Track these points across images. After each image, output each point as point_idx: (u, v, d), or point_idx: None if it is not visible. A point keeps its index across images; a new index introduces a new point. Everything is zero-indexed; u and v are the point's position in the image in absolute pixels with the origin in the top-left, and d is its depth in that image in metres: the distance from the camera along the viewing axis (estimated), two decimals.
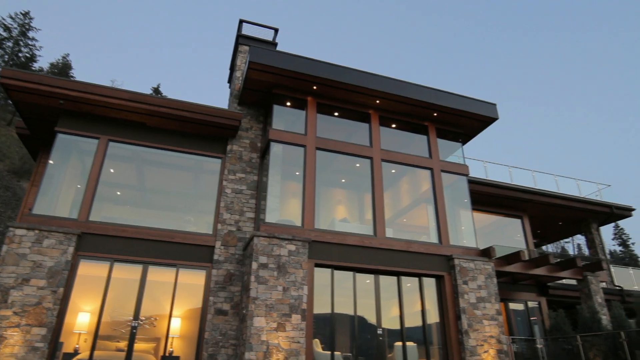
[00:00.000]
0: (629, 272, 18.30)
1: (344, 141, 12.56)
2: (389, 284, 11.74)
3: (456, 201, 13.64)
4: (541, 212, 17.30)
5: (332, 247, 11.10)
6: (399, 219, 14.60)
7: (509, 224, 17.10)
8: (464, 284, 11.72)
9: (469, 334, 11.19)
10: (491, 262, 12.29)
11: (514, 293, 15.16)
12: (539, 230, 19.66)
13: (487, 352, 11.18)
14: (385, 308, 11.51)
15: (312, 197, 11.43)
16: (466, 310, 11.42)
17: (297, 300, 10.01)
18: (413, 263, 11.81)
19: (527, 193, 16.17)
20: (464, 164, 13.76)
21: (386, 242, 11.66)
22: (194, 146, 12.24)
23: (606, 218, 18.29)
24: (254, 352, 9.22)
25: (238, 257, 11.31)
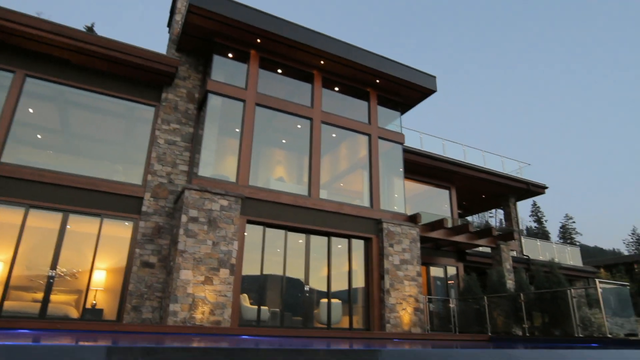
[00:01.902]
0: (536, 243, 20.23)
1: (286, 100, 12.39)
2: (320, 245, 12.07)
3: (390, 168, 14.11)
4: (468, 184, 18.41)
5: (266, 205, 11.14)
6: (336, 183, 14.89)
7: (438, 194, 18.06)
8: (390, 246, 12.35)
9: (390, 293, 11.91)
10: (417, 227, 13.01)
11: (436, 258, 16.24)
12: (464, 202, 20.98)
13: (405, 310, 12.00)
14: (315, 267, 11.88)
15: (249, 154, 11.28)
16: (389, 271, 12.09)
17: (227, 255, 10.02)
18: (344, 225, 12.18)
19: (457, 166, 17.09)
20: (400, 133, 14.18)
21: (319, 203, 11.88)
22: (125, 91, 11.48)
23: (523, 194, 19.90)
24: (179, 304, 9.19)
25: (168, 210, 11.02)
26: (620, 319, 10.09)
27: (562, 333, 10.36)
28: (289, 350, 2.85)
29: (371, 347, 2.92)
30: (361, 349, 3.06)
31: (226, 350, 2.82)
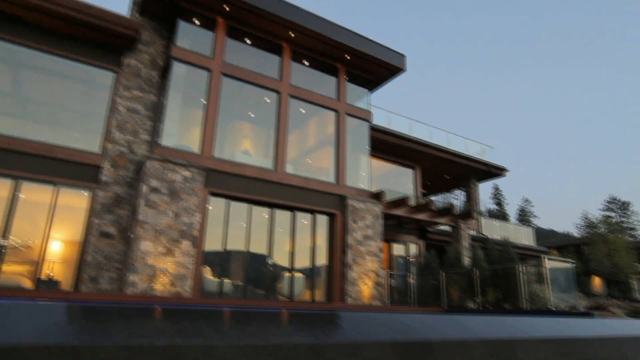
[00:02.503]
0: (494, 223, 21.07)
1: (253, 71, 12.13)
2: (284, 220, 12.11)
3: (357, 145, 14.20)
4: (432, 165, 18.81)
5: (230, 178, 11.01)
6: (304, 159, 14.87)
7: (403, 173, 18.38)
8: (354, 222, 12.54)
9: (352, 267, 12.17)
10: (380, 204, 13.24)
11: (399, 235, 16.65)
12: (428, 182, 21.47)
13: (366, 284, 12.31)
14: (279, 242, 11.94)
15: (213, 125, 11.05)
16: (352, 246, 12.32)
17: (189, 226, 9.90)
18: (309, 200, 12.24)
19: (422, 146, 17.39)
20: (368, 110, 14.23)
21: (285, 178, 11.86)
22: (84, 54, 10.90)
23: (484, 175, 20.56)
24: (138, 275, 9.06)
25: (128, 180, 10.70)
26: (565, 295, 10.76)
27: (511, 307, 10.95)
28: (246, 312, 2.89)
29: (328, 310, 3.00)
30: (317, 311, 3.15)
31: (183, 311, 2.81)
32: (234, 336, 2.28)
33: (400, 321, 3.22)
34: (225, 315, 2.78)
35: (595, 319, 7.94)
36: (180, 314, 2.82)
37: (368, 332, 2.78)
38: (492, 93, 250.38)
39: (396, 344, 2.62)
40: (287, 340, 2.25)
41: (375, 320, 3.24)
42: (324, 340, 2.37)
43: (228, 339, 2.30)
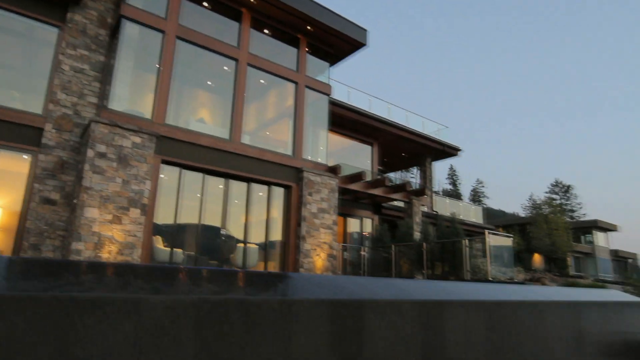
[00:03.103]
0: (446, 201, 21.88)
1: (211, 36, 11.70)
2: (240, 191, 11.99)
3: (316, 119, 14.16)
4: (390, 142, 19.15)
5: (183, 146, 10.72)
6: (263, 131, 14.67)
7: (362, 149, 18.61)
8: (309, 195, 12.63)
9: (306, 240, 12.32)
10: (336, 178, 13.38)
11: (354, 210, 16.97)
12: (386, 159, 21.88)
13: (319, 256, 12.53)
14: (234, 213, 11.85)
15: (167, 90, 10.64)
16: (307, 219, 12.44)
17: (138, 194, 9.61)
18: (265, 172, 12.17)
19: (381, 123, 17.61)
20: (328, 84, 14.16)
21: (240, 148, 11.69)
22: (24, 6, 10.07)
23: (439, 154, 21.20)
24: (83, 243, 8.75)
25: (74, 144, 10.18)
26: (504, 268, 11.44)
27: (456, 278, 11.54)
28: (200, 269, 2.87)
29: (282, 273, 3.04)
30: (259, 272, 3.18)
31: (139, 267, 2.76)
32: (162, 290, 2.27)
33: (337, 282, 3.31)
34: (155, 272, 2.75)
35: (519, 286, 8.50)
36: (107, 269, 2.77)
37: (302, 290, 2.85)
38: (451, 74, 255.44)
39: (326, 302, 2.71)
40: (219, 295, 2.27)
41: (311, 280, 3.32)
42: (255, 297, 2.41)
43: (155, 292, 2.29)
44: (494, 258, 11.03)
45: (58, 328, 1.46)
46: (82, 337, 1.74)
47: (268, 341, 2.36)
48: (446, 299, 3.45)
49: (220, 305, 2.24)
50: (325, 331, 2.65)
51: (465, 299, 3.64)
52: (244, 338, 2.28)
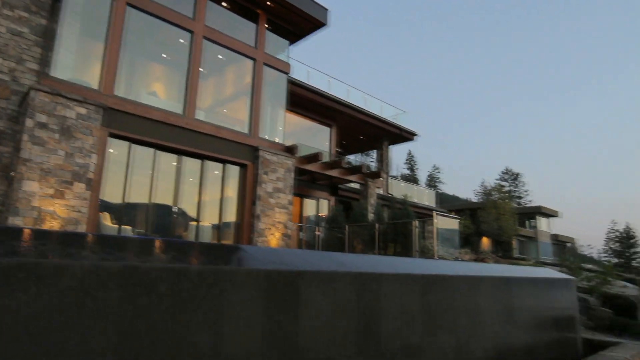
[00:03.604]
0: (401, 184, 22.44)
1: (164, 5, 11.18)
2: (194, 169, 11.72)
3: (274, 98, 13.99)
4: (349, 124, 19.27)
5: (134, 119, 10.29)
6: (220, 108, 14.33)
7: (321, 130, 18.63)
8: (265, 174, 12.55)
9: (260, 219, 12.29)
10: (293, 158, 13.36)
11: (311, 191, 17.07)
12: (344, 141, 22.03)
13: (274, 235, 12.56)
14: (187, 191, 11.59)
15: (116, 59, 10.12)
16: (262, 198, 12.38)
17: (83, 168, 9.18)
18: (220, 149, 11.95)
19: (340, 105, 17.66)
20: (287, 63, 13.98)
21: (195, 124, 11.39)
22: None
23: (396, 138, 21.60)
24: (22, 218, 8.29)
25: (11, 112, 9.51)
26: (451, 249, 11.96)
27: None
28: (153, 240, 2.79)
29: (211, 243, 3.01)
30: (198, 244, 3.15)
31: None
32: (88, 257, 2.20)
33: (275, 253, 3.34)
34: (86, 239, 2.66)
35: (456, 262, 8.86)
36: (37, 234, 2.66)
37: (238, 260, 2.86)
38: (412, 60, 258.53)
39: (262, 272, 2.73)
40: (148, 263, 2.24)
41: (248, 251, 3.33)
42: (186, 265, 2.39)
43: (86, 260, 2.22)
44: (441, 239, 11.49)
45: None
46: (6, 303, 1.68)
47: (200, 310, 2.36)
48: (383, 272, 3.58)
49: (150, 273, 2.21)
50: (260, 301, 2.68)
51: (401, 272, 3.79)
52: (174, 306, 2.27)
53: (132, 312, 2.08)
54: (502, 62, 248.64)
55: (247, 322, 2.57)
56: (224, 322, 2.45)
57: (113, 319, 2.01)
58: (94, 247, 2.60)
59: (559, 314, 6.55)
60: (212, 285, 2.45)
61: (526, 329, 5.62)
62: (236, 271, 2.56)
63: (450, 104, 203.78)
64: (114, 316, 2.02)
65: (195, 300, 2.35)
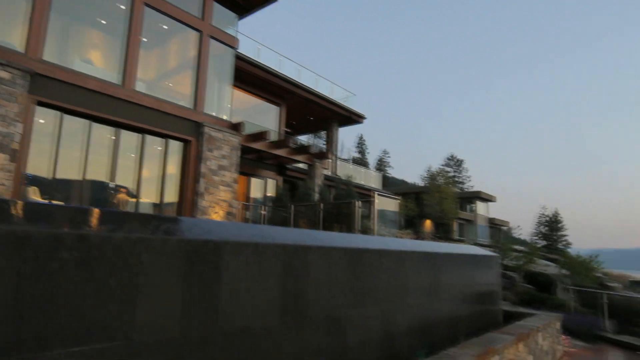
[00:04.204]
0: (348, 166, 22.79)
1: None
2: (133, 143, 11.21)
3: (220, 73, 13.60)
4: (298, 104, 19.17)
5: (66, 87, 9.63)
6: (164, 81, 13.71)
7: (269, 109, 18.40)
8: (209, 151, 12.27)
9: (204, 196, 12.05)
10: (239, 136, 13.14)
11: (259, 170, 16.92)
12: (294, 121, 21.96)
13: (217, 213, 12.38)
14: (125, 166, 11.09)
15: (44, 20, 9.35)
16: (206, 175, 12.13)
17: (7, 138, 8.51)
18: (162, 124, 11.50)
19: (290, 84, 17.49)
20: (235, 37, 13.59)
21: (134, 96, 10.85)
22: None
23: (345, 120, 21.81)
24: None
25: None
26: (390, 228, 12.39)
27: None
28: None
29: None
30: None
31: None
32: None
33: (197, 224, 3.31)
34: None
35: (385, 237, 9.19)
36: None
37: (154, 229, 2.81)
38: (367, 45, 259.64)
39: (180, 241, 2.70)
40: (50, 230, 2.14)
41: (167, 220, 3.28)
42: (95, 233, 2.31)
43: None
44: (381, 219, 11.86)
45: None
46: None
47: (113, 278, 2.31)
48: (309, 244, 3.66)
49: (51, 240, 2.12)
50: (179, 270, 2.67)
51: (328, 245, 3.90)
52: (79, 275, 2.20)
53: (27, 279, 1.99)
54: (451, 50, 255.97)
55: (164, 292, 2.55)
56: (139, 291, 2.41)
57: (7, 286, 1.92)
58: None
59: (482, 287, 7.04)
60: (125, 253, 2.40)
61: (451, 301, 6.00)
62: (152, 240, 2.51)
63: (402, 91, 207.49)
64: (8, 284, 1.93)
65: (108, 268, 2.30)
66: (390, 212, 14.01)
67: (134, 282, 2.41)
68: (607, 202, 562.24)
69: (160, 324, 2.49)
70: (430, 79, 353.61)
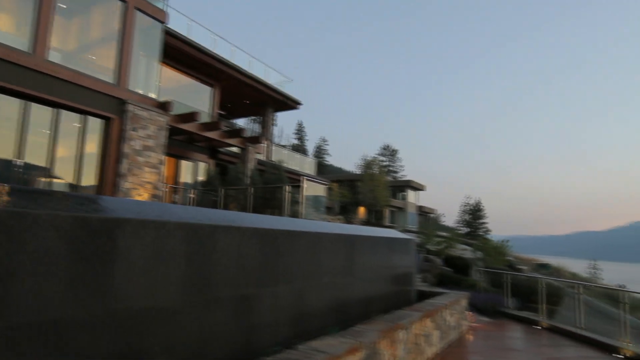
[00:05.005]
0: (283, 152, 22.76)
1: None
2: (45, 120, 10.33)
3: (148, 48, 12.88)
4: (233, 86, 18.71)
5: None
6: (85, 53, 12.69)
7: (202, 90, 17.78)
8: (133, 130, 11.66)
9: (126, 178, 11.46)
10: (167, 115, 12.60)
11: (189, 152, 16.36)
12: (229, 104, 21.43)
13: (141, 195, 11.85)
14: (37, 143, 10.22)
15: None
16: (129, 156, 11.52)
17: None
18: (81, 98, 10.71)
19: (224, 65, 17.00)
20: (163, 10, 12.91)
21: (48, 66, 9.99)
22: None
23: (281, 106, 21.67)
24: None
25: None
26: (318, 213, 12.63)
27: None
28: None
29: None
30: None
31: None
32: None
33: (99, 201, 3.16)
34: None
35: (305, 220, 9.34)
36: None
37: (45, 206, 2.64)
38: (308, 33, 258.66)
39: (70, 218, 2.57)
40: None
41: (58, 195, 3.10)
42: None
43: None
44: (313, 204, 12.04)
45: None
46: None
47: None
48: (217, 224, 3.64)
49: None
50: (68, 247, 2.54)
51: (239, 225, 3.90)
52: None
53: None
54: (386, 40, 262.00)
55: (49, 270, 2.42)
56: (19, 271, 2.27)
57: None
58: None
59: (398, 268, 7.43)
60: (7, 227, 2.23)
61: (366, 281, 6.27)
62: (36, 215, 2.36)
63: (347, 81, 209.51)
64: None
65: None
66: (322, 197, 14.24)
67: (12, 261, 2.26)
68: (523, 194, 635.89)
69: (41, 304, 2.36)
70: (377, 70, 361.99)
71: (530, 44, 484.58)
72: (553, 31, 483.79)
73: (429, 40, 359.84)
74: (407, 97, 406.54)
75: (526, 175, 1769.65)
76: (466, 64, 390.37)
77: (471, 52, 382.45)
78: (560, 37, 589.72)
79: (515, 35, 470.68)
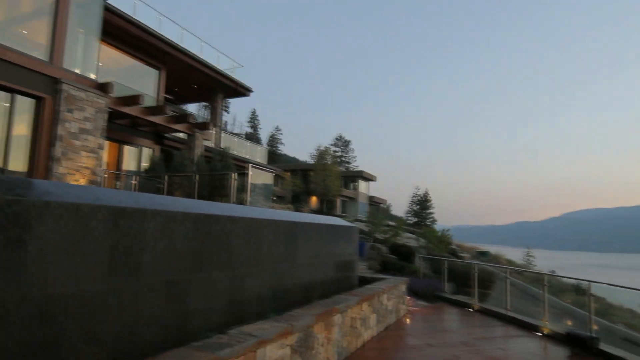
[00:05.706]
0: (233, 139, 22.38)
1: None
2: None
3: (86, 24, 12.13)
4: (181, 70, 18.06)
5: None
6: (13, 27, 11.73)
7: (147, 73, 17.03)
8: (69, 112, 10.99)
9: (60, 162, 10.82)
10: (106, 97, 11.97)
11: (133, 137, 15.66)
12: (176, 89, 20.70)
13: (78, 181, 11.23)
14: None
15: None
16: (63, 139, 10.87)
17: None
18: (7, 75, 9.93)
19: (171, 47, 16.36)
20: None
21: None
22: None
23: (231, 92, 21.23)
24: None
25: None
26: (266, 202, 12.59)
27: None
28: None
29: None
30: None
31: None
32: None
33: (15, 183, 2.98)
34: None
35: (238, 205, 9.35)
36: None
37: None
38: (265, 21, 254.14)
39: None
40: None
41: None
42: None
43: None
44: (259, 192, 11.96)
45: None
46: None
47: None
48: (145, 208, 3.54)
49: None
50: None
51: (170, 210, 3.82)
52: None
53: None
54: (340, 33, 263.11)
55: None
56: None
57: None
58: None
59: (340, 255, 7.58)
60: None
61: (307, 267, 6.35)
62: None
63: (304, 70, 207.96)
64: None
65: None
66: (270, 186, 14.17)
67: None
68: (473, 186, 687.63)
69: None
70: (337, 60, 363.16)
71: (488, 47, 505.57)
72: (504, 40, 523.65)
73: (387, 29, 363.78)
74: (366, 91, 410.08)
75: (480, 169, 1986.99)
76: (426, 55, 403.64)
77: (433, 41, 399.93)
78: (508, 46, 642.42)
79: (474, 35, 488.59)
